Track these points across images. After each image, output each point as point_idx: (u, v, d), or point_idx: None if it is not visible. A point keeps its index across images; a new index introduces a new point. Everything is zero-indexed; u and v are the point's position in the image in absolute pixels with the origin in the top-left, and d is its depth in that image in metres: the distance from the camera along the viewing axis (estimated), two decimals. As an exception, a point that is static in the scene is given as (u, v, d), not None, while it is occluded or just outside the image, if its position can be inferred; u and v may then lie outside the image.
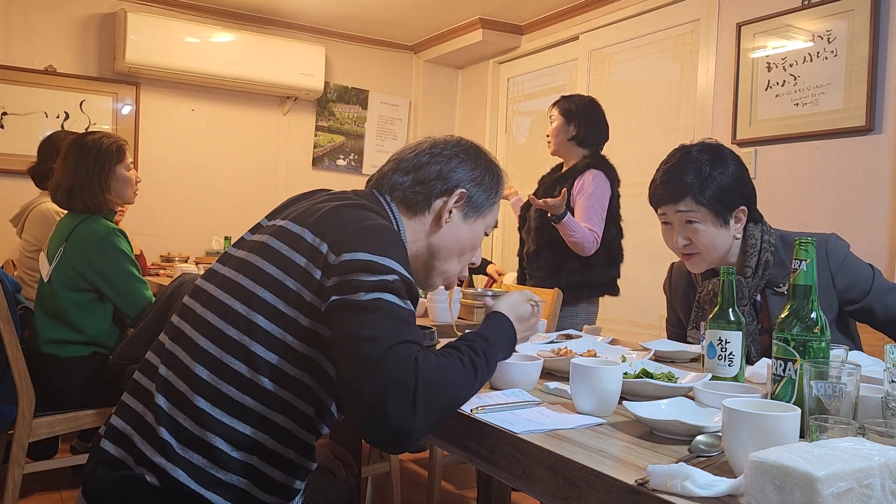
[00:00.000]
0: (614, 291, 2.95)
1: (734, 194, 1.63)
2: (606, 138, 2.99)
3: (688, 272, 1.83)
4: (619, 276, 2.95)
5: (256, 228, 1.29)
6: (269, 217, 1.31)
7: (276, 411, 1.12)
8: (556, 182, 2.95)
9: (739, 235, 1.66)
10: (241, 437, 1.10)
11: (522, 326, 1.26)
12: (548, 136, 3.00)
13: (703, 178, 1.60)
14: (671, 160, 1.67)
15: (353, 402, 1.02)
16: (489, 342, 1.15)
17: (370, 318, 1.03)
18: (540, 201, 2.74)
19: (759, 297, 1.68)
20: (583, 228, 2.76)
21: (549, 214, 2.75)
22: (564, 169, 2.99)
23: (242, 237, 1.29)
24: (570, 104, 2.96)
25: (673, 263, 1.98)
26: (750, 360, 1.63)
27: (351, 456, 1.57)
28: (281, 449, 1.13)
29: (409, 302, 1.09)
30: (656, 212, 1.72)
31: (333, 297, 1.07)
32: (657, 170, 1.70)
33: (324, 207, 1.19)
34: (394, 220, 1.28)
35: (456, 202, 1.30)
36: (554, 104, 3.01)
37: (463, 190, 1.31)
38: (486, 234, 1.40)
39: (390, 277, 1.08)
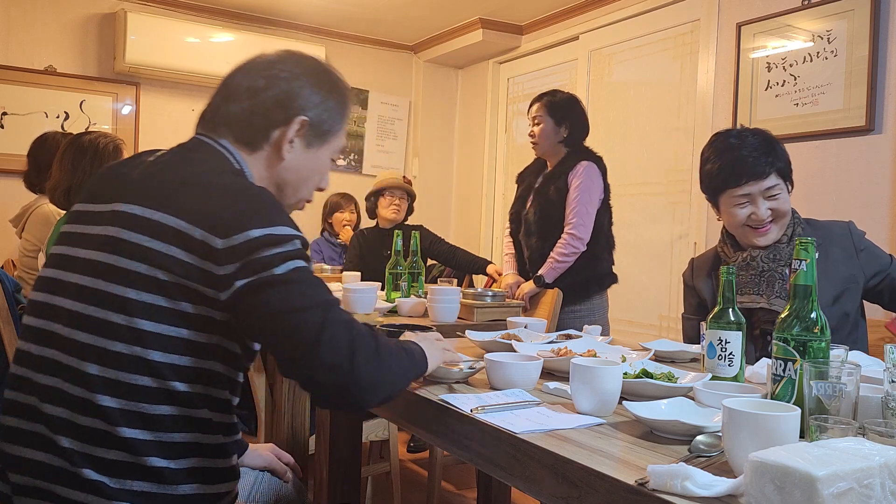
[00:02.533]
0: (616, 279, 2.95)
1: (790, 166, 1.84)
2: (587, 133, 2.98)
3: (712, 259, 1.97)
4: (613, 264, 2.95)
5: (85, 218, 1.12)
6: (93, 200, 1.13)
7: (197, 408, 1.07)
8: (547, 180, 2.93)
9: None
10: (175, 446, 1.05)
11: (435, 349, 1.28)
12: (532, 137, 2.94)
13: (777, 154, 1.80)
14: (744, 143, 1.80)
15: (313, 370, 1.00)
16: (409, 347, 1.20)
17: (297, 289, 1.01)
18: (524, 295, 2.79)
19: (788, 272, 1.82)
20: (564, 251, 2.78)
21: (538, 277, 2.81)
22: (551, 166, 2.96)
23: (70, 232, 1.13)
24: (556, 103, 2.91)
25: (693, 259, 2.09)
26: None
27: (296, 460, 1.57)
28: (213, 439, 1.10)
29: (301, 253, 1.08)
30: (727, 191, 1.80)
31: (242, 282, 1.00)
32: (724, 152, 1.81)
33: (168, 182, 1.08)
34: (238, 164, 1.17)
35: (297, 131, 1.19)
36: (538, 104, 2.94)
37: (304, 118, 1.19)
38: (334, 161, 1.30)
39: (293, 245, 1.04)
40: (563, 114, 2.89)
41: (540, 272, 2.80)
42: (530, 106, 2.99)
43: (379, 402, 1.07)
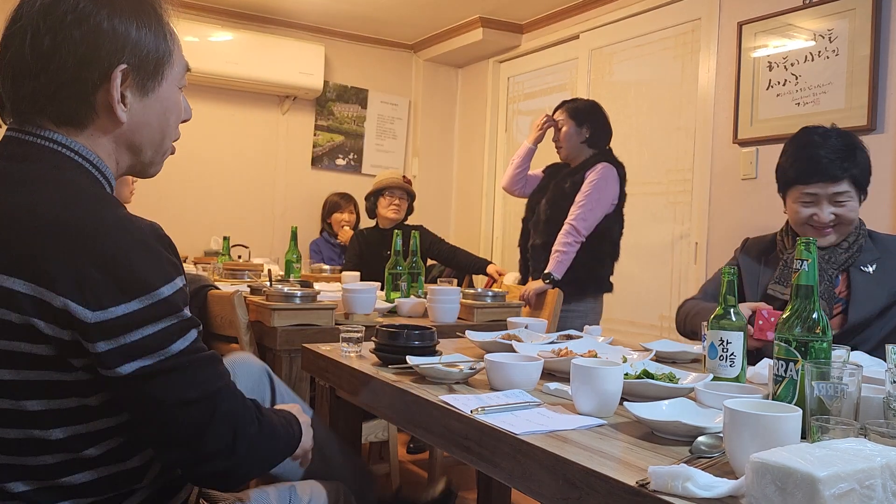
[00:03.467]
0: (611, 289, 2.99)
1: (868, 176, 1.84)
2: (611, 137, 3.07)
3: (766, 244, 1.98)
4: (612, 274, 2.98)
5: None
6: None
7: (123, 461, 0.97)
8: (566, 176, 2.98)
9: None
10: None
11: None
12: (557, 141, 3.01)
13: (856, 161, 1.78)
14: (826, 142, 1.78)
15: (195, 464, 0.93)
16: (290, 421, 1.13)
17: (188, 376, 0.90)
18: (530, 293, 2.80)
19: (839, 277, 1.81)
20: (566, 240, 2.82)
21: (546, 274, 2.83)
22: (572, 165, 3.01)
23: None
24: (578, 108, 3.02)
25: (748, 238, 2.08)
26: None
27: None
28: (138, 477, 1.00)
29: (192, 320, 0.94)
30: (795, 186, 1.81)
31: (131, 367, 0.86)
32: (803, 148, 1.81)
33: (8, 230, 0.86)
34: (74, 152, 0.96)
35: (122, 84, 0.96)
36: (559, 110, 3.04)
37: (123, 66, 0.94)
38: (183, 86, 1.09)
39: (182, 315, 0.90)
40: (584, 116, 2.99)
41: (547, 269, 2.81)
42: (552, 113, 3.08)
43: (257, 475, 1.07)
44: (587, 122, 2.98)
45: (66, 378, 0.88)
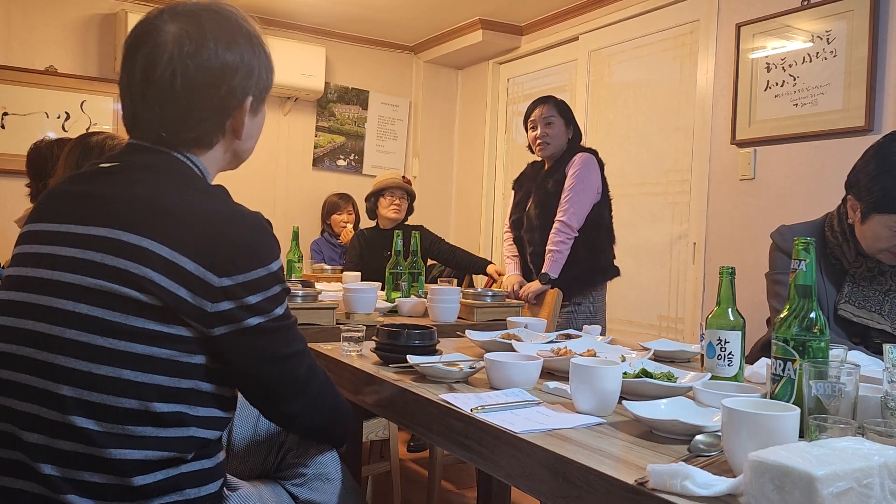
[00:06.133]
0: (618, 272, 2.99)
1: None
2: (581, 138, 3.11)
3: (816, 239, 1.80)
4: (615, 257, 2.99)
5: (51, 238, 1.04)
6: (58, 220, 1.05)
7: (185, 426, 1.03)
8: (545, 176, 2.98)
9: None
10: (157, 462, 1.01)
11: None
12: (546, 136, 2.97)
13: None
14: None
15: (291, 412, 1.16)
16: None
17: (288, 334, 1.11)
18: (530, 293, 2.82)
19: None
20: (558, 238, 2.83)
21: (543, 275, 2.83)
22: (549, 165, 3.02)
23: (34, 253, 1.05)
24: (564, 106, 3.04)
25: (786, 226, 1.95)
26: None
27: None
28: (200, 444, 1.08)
29: (287, 290, 1.14)
30: (890, 215, 1.64)
31: (253, 321, 1.03)
32: None
33: (154, 208, 1.02)
34: (199, 170, 1.14)
35: (248, 109, 1.15)
36: (547, 105, 3.01)
37: (251, 97, 1.14)
38: None
39: (281, 287, 1.08)
40: (570, 116, 3.02)
41: (543, 270, 2.82)
42: (534, 108, 3.03)
43: (326, 423, 1.25)
44: (573, 122, 3.02)
45: (163, 330, 1.00)
